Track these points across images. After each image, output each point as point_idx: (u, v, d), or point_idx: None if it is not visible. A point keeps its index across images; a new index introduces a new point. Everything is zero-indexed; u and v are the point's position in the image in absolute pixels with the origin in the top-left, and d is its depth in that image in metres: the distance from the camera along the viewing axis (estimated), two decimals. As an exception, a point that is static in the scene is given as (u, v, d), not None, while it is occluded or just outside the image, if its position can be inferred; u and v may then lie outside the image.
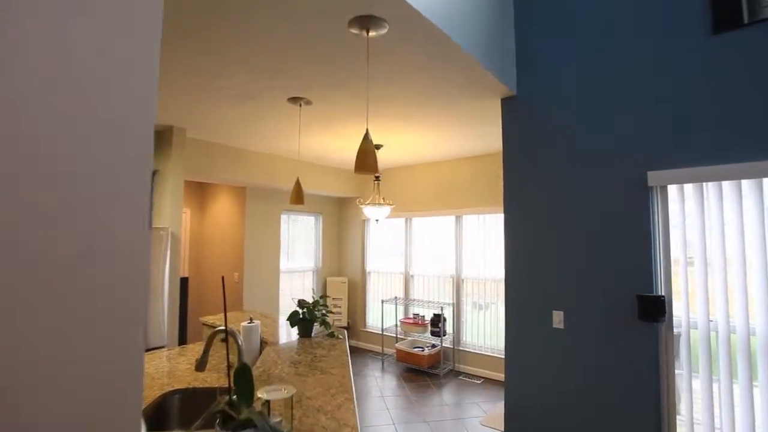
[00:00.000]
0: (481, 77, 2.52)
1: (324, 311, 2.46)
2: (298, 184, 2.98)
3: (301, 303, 2.40)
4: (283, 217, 5.78)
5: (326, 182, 5.68)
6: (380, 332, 5.40)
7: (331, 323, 2.49)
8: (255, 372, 1.76)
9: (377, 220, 4.38)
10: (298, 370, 1.81)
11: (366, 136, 1.86)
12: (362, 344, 6.04)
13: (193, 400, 1.94)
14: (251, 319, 2.25)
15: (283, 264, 5.74)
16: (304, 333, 2.40)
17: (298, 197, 2.95)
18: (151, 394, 1.86)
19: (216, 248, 5.66)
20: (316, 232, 6.25)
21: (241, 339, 1.71)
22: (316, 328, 2.57)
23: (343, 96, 2.93)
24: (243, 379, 1.10)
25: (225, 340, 1.00)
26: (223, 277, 0.94)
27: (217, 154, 4.36)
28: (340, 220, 6.52)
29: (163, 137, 3.85)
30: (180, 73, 2.60)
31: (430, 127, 3.77)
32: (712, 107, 2.12)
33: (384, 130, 3.86)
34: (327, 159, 5.22)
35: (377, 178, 4.38)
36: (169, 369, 2.28)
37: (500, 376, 4.64)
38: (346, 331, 2.61)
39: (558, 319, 2.54)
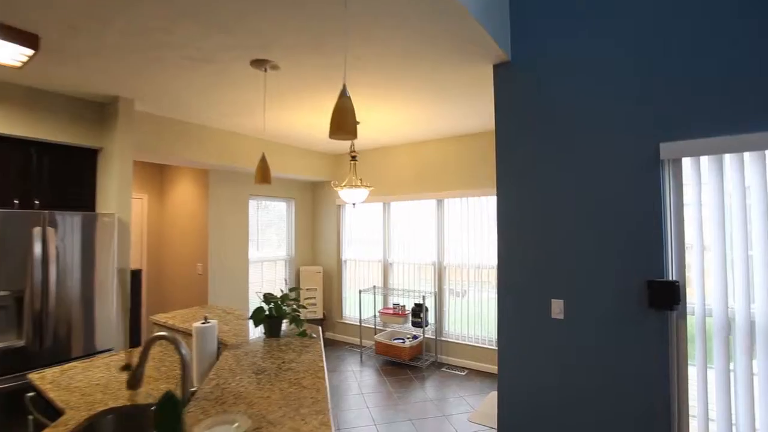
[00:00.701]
0: (472, 35, 2.19)
1: (294, 306, 2.11)
2: (263, 160, 2.59)
3: (267, 297, 2.05)
4: (252, 203, 5.35)
5: (298, 164, 5.27)
6: (359, 324, 5.10)
7: (303, 318, 2.15)
8: (206, 388, 1.41)
9: (354, 204, 4.03)
10: (261, 381, 1.47)
11: (343, 93, 1.50)
12: (339, 336, 5.73)
13: (130, 423, 1.57)
14: (206, 319, 1.88)
15: (253, 253, 5.32)
16: (272, 332, 2.05)
17: (263, 176, 2.56)
18: (76, 416, 1.48)
19: (178, 237, 5.18)
20: (288, 219, 5.84)
21: (185, 349, 1.35)
22: (286, 325, 2.23)
23: (315, 59, 2.55)
24: (167, 417, 0.75)
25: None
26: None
27: (173, 131, 3.88)
28: (314, 205, 6.13)
29: (106, 110, 3.35)
30: (124, 32, 2.15)
31: (411, 101, 3.43)
32: (733, 68, 1.88)
33: (361, 104, 3.49)
34: (298, 138, 4.81)
35: (353, 158, 4.01)
36: (106, 381, 1.90)
37: (485, 366, 4.44)
38: (320, 328, 2.28)
39: (557, 308, 2.30)
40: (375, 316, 5.07)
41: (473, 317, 4.62)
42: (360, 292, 5.02)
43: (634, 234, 2.08)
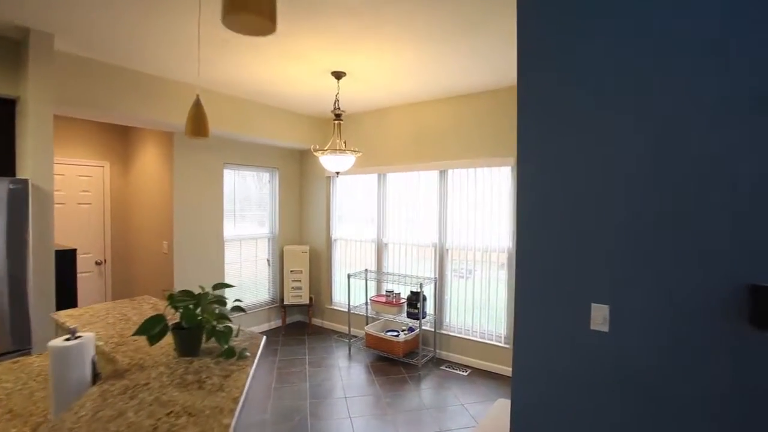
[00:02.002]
0: None
1: (220, 310, 1.45)
2: (197, 106, 1.89)
3: (175, 299, 1.38)
4: (229, 173, 4.67)
5: (278, 128, 4.54)
6: (349, 311, 4.48)
7: (234, 330, 1.49)
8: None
9: (338, 174, 3.34)
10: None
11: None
12: (328, 324, 5.14)
13: None
14: (73, 333, 1.23)
15: (229, 230, 4.69)
16: (184, 350, 1.40)
17: (197, 127, 1.87)
18: None
19: (143, 211, 4.54)
20: (272, 191, 5.17)
21: None
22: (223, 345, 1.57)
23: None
24: None
25: None
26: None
27: (115, 81, 3.16)
28: (302, 176, 5.43)
29: (16, 47, 2.65)
30: None
31: (408, 42, 2.68)
32: None
33: (347, 47, 2.74)
34: (277, 97, 4.07)
35: (338, 116, 3.29)
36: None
37: (490, 366, 3.83)
38: (263, 338, 1.63)
39: (600, 316, 1.62)
40: (366, 303, 4.45)
41: (478, 308, 3.97)
42: (349, 276, 4.37)
43: (730, 213, 1.37)
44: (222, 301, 1.45)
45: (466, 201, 4.01)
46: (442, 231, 4.17)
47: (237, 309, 1.58)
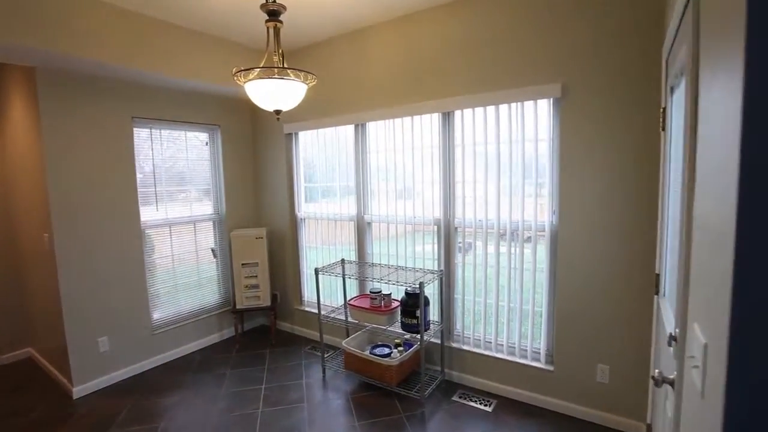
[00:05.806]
0: None
1: None
2: None
3: None
4: (143, 133, 3.29)
5: (206, 63, 3.13)
6: (326, 315, 3.23)
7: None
8: None
9: (278, 116, 2.01)
10: None
11: None
12: (298, 329, 3.93)
13: None
14: None
15: (151, 213, 3.36)
16: None
17: None
18: None
19: (21, 192, 3.19)
20: (213, 158, 3.81)
21: None
22: None
23: None
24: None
25: None
26: None
27: None
28: (254, 136, 4.06)
29: None
30: None
31: None
32: None
33: None
34: (190, 9, 2.64)
35: (273, 14, 1.92)
36: None
37: (524, 395, 2.65)
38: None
39: None
40: (345, 306, 3.22)
41: (504, 310, 2.76)
42: (317, 271, 3.09)
43: None
44: None
45: (484, 155, 2.70)
46: (447, 202, 2.89)
47: None
